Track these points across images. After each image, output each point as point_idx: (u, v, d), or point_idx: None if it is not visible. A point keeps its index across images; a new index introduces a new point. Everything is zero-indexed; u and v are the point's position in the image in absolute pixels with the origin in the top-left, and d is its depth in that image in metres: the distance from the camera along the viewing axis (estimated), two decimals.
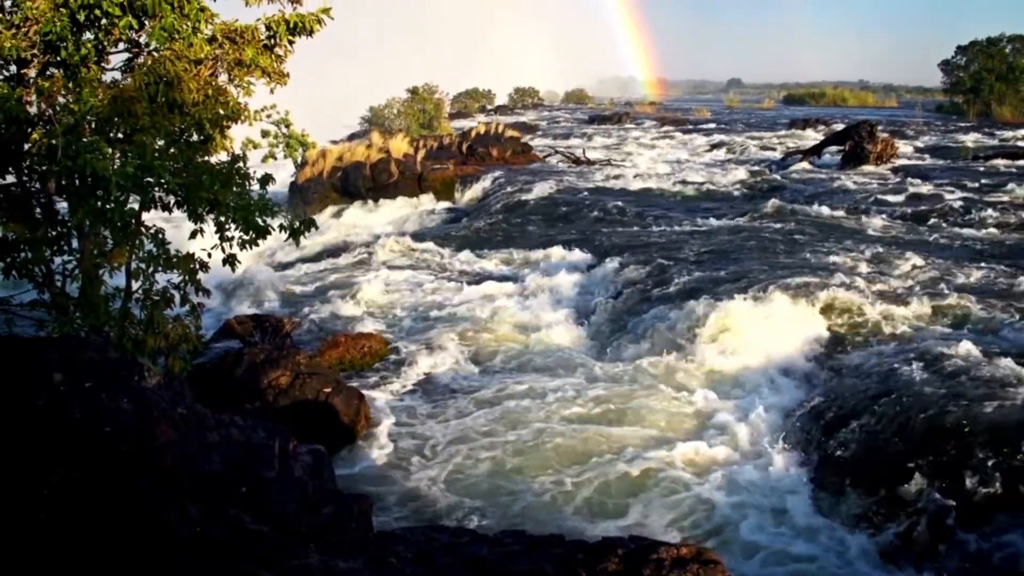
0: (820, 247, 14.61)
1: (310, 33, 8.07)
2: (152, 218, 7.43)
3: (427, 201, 25.41)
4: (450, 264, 16.87)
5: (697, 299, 11.45)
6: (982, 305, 10.70)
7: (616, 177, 26.48)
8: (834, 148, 28.91)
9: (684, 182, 24.86)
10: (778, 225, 17.58)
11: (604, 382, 9.90)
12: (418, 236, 20.36)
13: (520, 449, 8.29)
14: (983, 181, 22.24)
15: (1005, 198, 19.58)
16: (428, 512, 7.32)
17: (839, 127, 35.27)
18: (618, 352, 11.24)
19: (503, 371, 10.69)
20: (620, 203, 21.21)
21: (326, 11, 8.03)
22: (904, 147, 31.86)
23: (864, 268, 12.86)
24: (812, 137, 39.06)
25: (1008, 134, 40.88)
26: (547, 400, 9.31)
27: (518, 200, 22.06)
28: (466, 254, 17.49)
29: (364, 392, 9.44)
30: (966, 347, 8.84)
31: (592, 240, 17.09)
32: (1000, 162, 27.15)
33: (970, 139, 38.42)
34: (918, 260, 13.29)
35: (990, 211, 17.93)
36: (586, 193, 22.81)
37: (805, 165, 28.19)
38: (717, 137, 42.49)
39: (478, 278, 15.35)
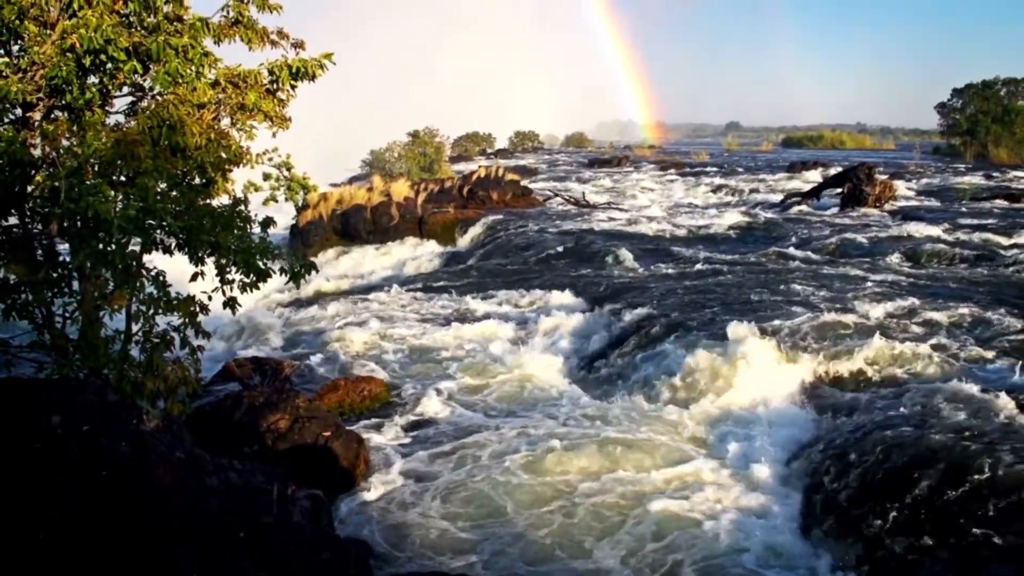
0: (818, 289, 14.61)
1: (312, 78, 8.17)
2: (153, 260, 7.45)
3: (428, 244, 25.50)
4: (450, 307, 16.85)
5: (694, 342, 11.44)
6: (979, 347, 10.68)
7: (616, 220, 26.58)
8: (833, 190, 29.08)
9: (683, 225, 24.96)
10: (776, 267, 17.61)
11: (601, 424, 9.84)
12: (418, 279, 20.39)
13: (519, 492, 8.21)
14: (981, 223, 22.33)
15: (1003, 240, 19.63)
16: (428, 557, 7.23)
17: (837, 169, 35.50)
18: (615, 394, 11.18)
19: (502, 414, 10.63)
20: (619, 245, 21.26)
21: (328, 56, 8.14)
22: (903, 189, 32.06)
23: (861, 310, 12.83)
24: (811, 179, 39.29)
25: (1006, 175, 41.15)
26: (545, 443, 9.23)
27: (517, 243, 22.13)
28: (466, 297, 17.48)
29: (364, 435, 9.37)
30: (965, 390, 8.79)
31: (591, 282, 17.10)
32: (998, 203, 27.29)
33: (968, 181, 38.65)
34: (916, 302, 13.28)
35: (988, 253, 17.97)
36: (586, 236, 22.87)
37: (804, 207, 28.35)
38: (716, 180, 42.75)
39: (478, 321, 15.33)
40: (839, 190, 28.50)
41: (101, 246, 6.36)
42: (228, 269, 7.71)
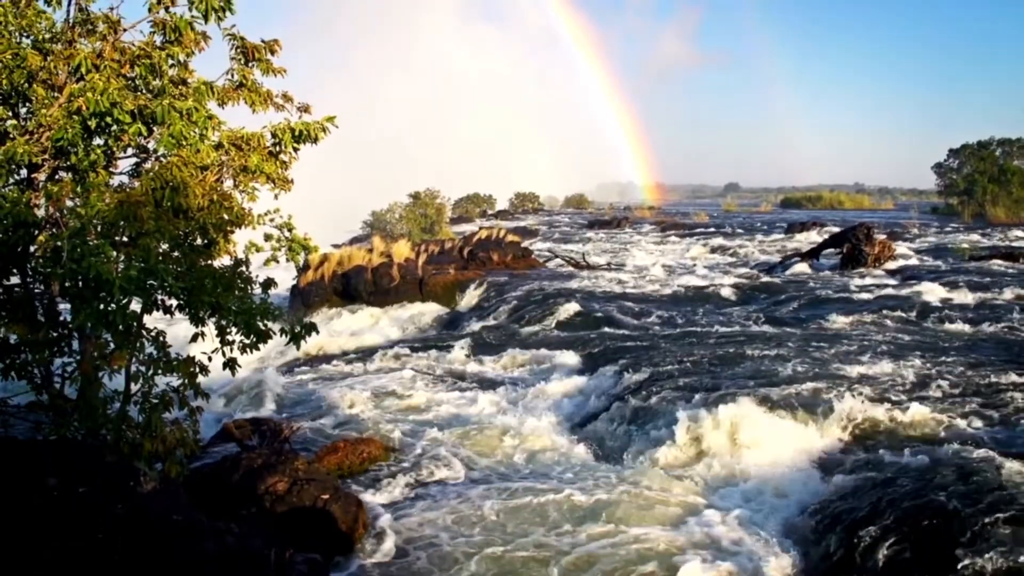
0: (819, 350, 14.58)
1: (315, 141, 8.26)
2: (154, 320, 7.44)
3: (428, 305, 25.49)
4: (450, 369, 16.80)
5: (694, 404, 11.38)
6: (984, 407, 10.63)
7: (616, 281, 26.65)
8: (832, 250, 29.19)
9: (683, 285, 24.99)
10: (777, 329, 17.60)
11: (601, 488, 9.72)
12: (419, 340, 20.36)
13: (519, 557, 8.08)
14: (980, 282, 22.36)
15: (1003, 299, 19.65)
16: None
17: (836, 230, 35.70)
18: (616, 457, 11.09)
19: (501, 477, 10.52)
20: (620, 307, 21.29)
21: (331, 119, 8.25)
22: (901, 248, 32.19)
23: (864, 371, 12.80)
24: (810, 240, 39.50)
25: (1004, 234, 41.38)
26: (545, 507, 9.13)
27: (518, 305, 22.14)
28: (466, 359, 17.45)
29: (362, 498, 9.27)
30: (970, 451, 8.73)
31: (592, 344, 17.07)
32: (997, 263, 27.37)
33: (966, 240, 38.84)
34: (917, 362, 13.24)
35: (987, 312, 17.97)
36: (586, 297, 22.90)
37: (804, 268, 28.43)
38: (716, 241, 43.00)
39: (478, 383, 15.28)
40: (838, 250, 28.62)
41: (102, 306, 6.36)
42: (228, 330, 7.71)
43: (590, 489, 9.71)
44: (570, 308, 21.10)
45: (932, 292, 20.99)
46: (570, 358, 16.28)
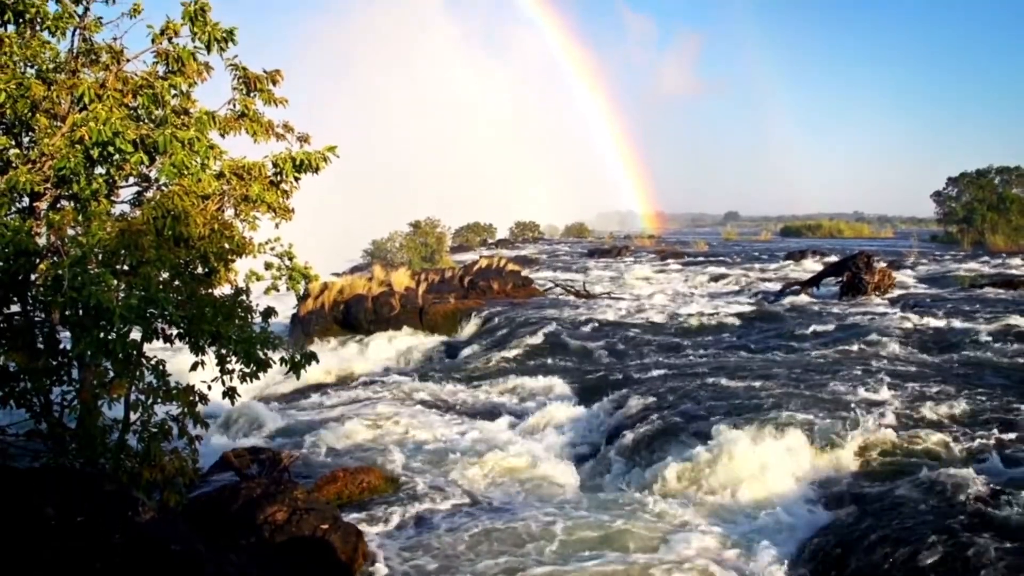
0: (819, 379, 14.54)
1: (316, 170, 8.30)
2: (154, 349, 7.44)
3: (429, 334, 25.47)
4: (450, 398, 16.76)
5: (695, 433, 11.35)
6: (987, 435, 10.59)
7: (616, 310, 26.64)
8: (832, 279, 29.21)
9: (683, 314, 24.97)
10: (777, 357, 17.57)
11: (605, 519, 9.66)
12: (419, 369, 20.33)
13: None
14: (981, 309, 22.36)
15: (1003, 327, 19.63)
16: None
17: (836, 258, 35.75)
18: (617, 488, 11.03)
19: (502, 507, 10.45)
20: (620, 336, 21.28)
21: (331, 149, 8.30)
22: (901, 277, 32.22)
23: (864, 399, 12.77)
24: (810, 268, 39.54)
25: (1004, 262, 41.44)
26: (547, 538, 9.07)
27: (518, 334, 22.12)
28: (466, 387, 17.41)
29: (362, 528, 9.20)
30: (974, 480, 8.68)
31: (593, 373, 17.04)
32: (997, 290, 27.38)
33: (965, 268, 38.89)
34: (918, 390, 13.21)
35: (988, 340, 17.94)
36: (586, 326, 22.90)
37: (804, 296, 28.43)
38: (716, 269, 43.04)
39: (478, 412, 15.23)
40: (838, 279, 28.63)
41: (102, 335, 6.36)
42: (228, 359, 7.71)
43: (590, 518, 9.65)
44: (569, 337, 21.08)
45: (932, 320, 20.97)
46: (570, 387, 16.25)
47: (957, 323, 20.37)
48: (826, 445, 10.66)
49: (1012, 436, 10.58)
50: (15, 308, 7.22)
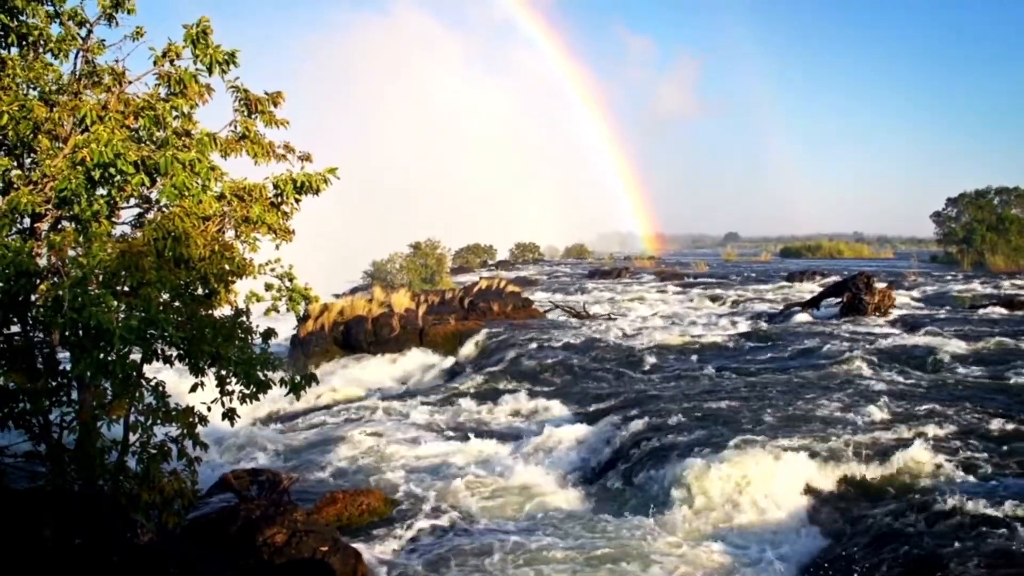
0: (821, 399, 14.51)
1: (316, 192, 8.32)
2: (154, 369, 7.43)
3: (428, 355, 25.43)
4: (450, 419, 16.73)
5: (697, 455, 11.29)
6: (986, 456, 10.56)
7: (616, 331, 26.63)
8: (832, 299, 29.19)
9: (684, 335, 24.96)
10: (778, 377, 17.54)
11: (605, 541, 9.62)
12: (419, 390, 20.31)
13: None
14: (981, 330, 22.33)
15: (1003, 347, 19.59)
16: None
17: (836, 279, 35.75)
18: (619, 510, 10.98)
19: (502, 530, 10.40)
20: (620, 357, 21.25)
21: (332, 171, 8.32)
22: (902, 297, 32.21)
23: (866, 419, 12.73)
24: (810, 289, 39.55)
25: (1004, 282, 41.47)
26: (546, 561, 9.03)
27: (518, 355, 22.09)
28: (466, 409, 17.38)
29: (361, 551, 9.15)
30: (974, 502, 8.64)
31: (593, 394, 17.01)
32: (997, 311, 27.36)
33: (965, 288, 38.90)
34: (919, 411, 13.17)
35: (988, 360, 17.91)
36: (587, 347, 22.87)
37: (804, 317, 28.39)
38: (716, 290, 43.03)
39: (478, 433, 15.18)
40: (838, 299, 28.62)
41: (102, 356, 6.36)
42: (228, 380, 7.71)
43: (592, 540, 9.61)
44: (569, 358, 21.06)
45: (932, 340, 20.93)
46: (570, 408, 16.22)
47: (957, 343, 20.33)
48: (826, 464, 10.61)
49: (1013, 456, 10.53)
50: (15, 328, 7.23)
